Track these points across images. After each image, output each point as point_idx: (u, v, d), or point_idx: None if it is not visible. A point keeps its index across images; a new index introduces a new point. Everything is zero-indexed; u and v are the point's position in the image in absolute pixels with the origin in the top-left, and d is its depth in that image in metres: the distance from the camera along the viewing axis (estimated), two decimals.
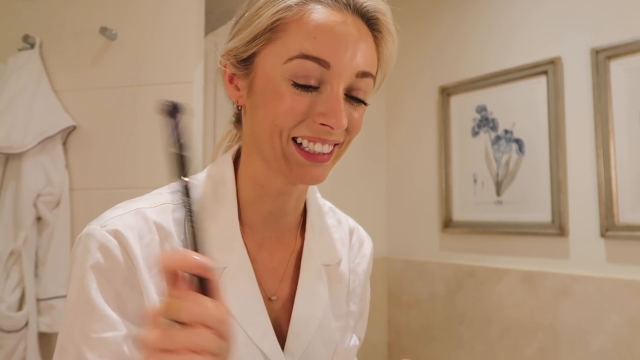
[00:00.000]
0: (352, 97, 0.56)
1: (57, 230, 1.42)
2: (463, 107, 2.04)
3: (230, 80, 0.60)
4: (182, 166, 0.40)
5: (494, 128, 1.92)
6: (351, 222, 0.77)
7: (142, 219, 0.56)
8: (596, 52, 1.61)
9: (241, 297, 0.57)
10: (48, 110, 1.44)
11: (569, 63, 1.70)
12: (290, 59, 0.52)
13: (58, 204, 1.44)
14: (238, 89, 0.59)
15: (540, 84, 1.77)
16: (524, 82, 1.83)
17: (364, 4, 0.55)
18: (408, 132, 2.28)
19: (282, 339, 0.60)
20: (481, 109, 1.97)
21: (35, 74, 1.46)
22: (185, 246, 0.41)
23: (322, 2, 0.53)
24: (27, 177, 1.39)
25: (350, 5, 0.54)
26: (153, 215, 0.57)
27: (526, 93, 1.82)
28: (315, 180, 0.57)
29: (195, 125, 1.40)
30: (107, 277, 0.52)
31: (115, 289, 0.52)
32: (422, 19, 2.20)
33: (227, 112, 0.71)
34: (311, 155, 0.55)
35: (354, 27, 0.54)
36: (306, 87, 0.53)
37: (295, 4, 0.53)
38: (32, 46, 1.49)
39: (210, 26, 1.72)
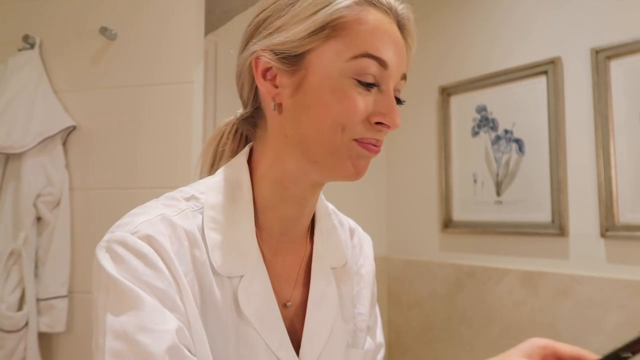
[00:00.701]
0: (396, 99, 0.58)
1: (57, 230, 1.42)
2: (463, 107, 2.04)
3: (264, 76, 0.57)
4: None
5: (494, 128, 1.92)
6: (352, 223, 0.77)
7: (169, 226, 0.53)
8: (596, 52, 1.61)
9: (258, 305, 0.57)
10: (48, 110, 1.44)
11: (569, 63, 1.70)
12: (355, 57, 0.53)
13: (58, 204, 1.44)
14: (276, 86, 0.57)
15: (540, 84, 1.77)
16: (524, 82, 1.83)
17: (401, 11, 0.58)
18: (408, 132, 2.28)
19: (296, 345, 0.59)
20: (481, 109, 1.97)
21: (35, 74, 1.46)
22: None
23: (373, 4, 0.55)
24: (27, 177, 1.39)
25: (392, 10, 0.57)
26: (179, 222, 0.54)
27: (526, 93, 1.82)
28: (362, 174, 0.58)
29: (195, 125, 1.40)
30: (149, 284, 0.49)
31: (157, 296, 0.49)
32: (422, 19, 2.19)
33: (227, 113, 0.70)
34: (367, 146, 0.56)
35: (398, 31, 0.57)
36: (369, 86, 0.54)
37: (355, 3, 0.54)
38: (32, 46, 1.49)
39: (210, 26, 1.72)
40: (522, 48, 1.84)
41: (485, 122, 1.95)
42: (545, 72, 1.76)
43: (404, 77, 0.58)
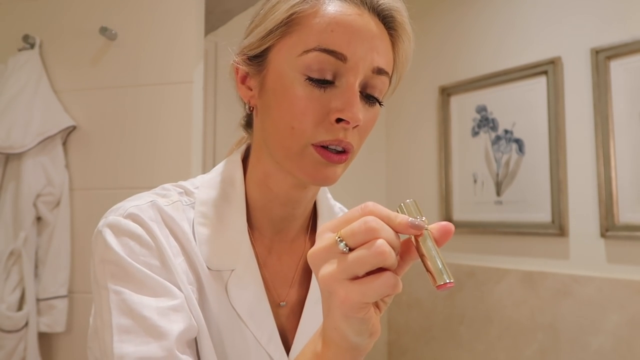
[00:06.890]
0: (368, 96, 0.54)
1: (57, 230, 1.42)
2: (463, 107, 2.04)
3: (243, 81, 0.58)
4: None
5: (494, 128, 1.92)
6: None
7: (158, 212, 0.55)
8: (596, 52, 1.61)
9: (248, 300, 0.57)
10: (48, 110, 1.44)
11: (569, 63, 1.70)
12: (306, 52, 0.50)
13: (58, 204, 1.44)
14: (250, 89, 0.58)
15: (540, 84, 1.77)
16: (524, 82, 1.83)
17: (380, 2, 0.54)
18: (408, 132, 2.28)
19: (290, 343, 0.59)
20: (481, 109, 1.97)
21: (35, 74, 1.46)
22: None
23: None
24: (27, 177, 1.39)
25: (366, 3, 0.53)
26: (169, 211, 0.56)
27: (526, 93, 1.82)
28: (328, 181, 0.54)
29: (195, 125, 1.40)
30: (144, 259, 0.51)
31: (153, 270, 0.51)
32: (422, 19, 2.20)
33: (227, 113, 0.70)
34: (328, 154, 0.52)
35: (371, 22, 0.52)
36: (321, 82, 0.51)
37: None
38: (32, 46, 1.48)
39: (210, 26, 1.72)
40: (522, 48, 1.84)
41: (485, 122, 1.95)
42: (545, 72, 1.76)
43: (379, 72, 0.53)
